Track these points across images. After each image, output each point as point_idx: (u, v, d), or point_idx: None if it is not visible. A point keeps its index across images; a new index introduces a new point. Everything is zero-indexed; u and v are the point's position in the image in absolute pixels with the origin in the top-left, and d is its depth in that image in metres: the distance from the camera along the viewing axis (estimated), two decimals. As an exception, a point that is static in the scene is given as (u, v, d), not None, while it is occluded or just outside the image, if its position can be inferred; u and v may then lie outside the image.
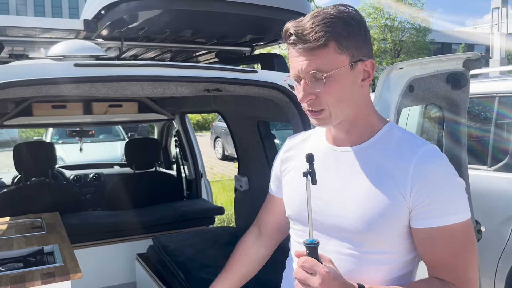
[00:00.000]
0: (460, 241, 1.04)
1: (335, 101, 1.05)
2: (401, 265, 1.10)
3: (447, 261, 1.04)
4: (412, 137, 1.12)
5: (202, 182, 4.11)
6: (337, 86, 1.04)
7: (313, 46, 1.01)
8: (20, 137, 10.27)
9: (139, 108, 3.99)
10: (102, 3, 1.99)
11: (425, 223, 1.03)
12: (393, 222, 1.05)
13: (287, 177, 1.28)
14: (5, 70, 1.62)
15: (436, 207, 1.02)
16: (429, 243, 1.05)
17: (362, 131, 1.13)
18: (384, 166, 1.07)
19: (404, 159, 1.05)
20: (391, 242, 1.07)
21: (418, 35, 28.41)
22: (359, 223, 1.06)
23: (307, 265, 0.96)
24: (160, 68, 1.79)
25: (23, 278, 1.64)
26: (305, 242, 0.99)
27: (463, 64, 2.02)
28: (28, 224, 2.40)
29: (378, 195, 1.05)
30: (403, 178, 1.03)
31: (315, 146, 1.23)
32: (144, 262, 3.02)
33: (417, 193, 1.02)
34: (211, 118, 19.16)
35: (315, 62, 1.02)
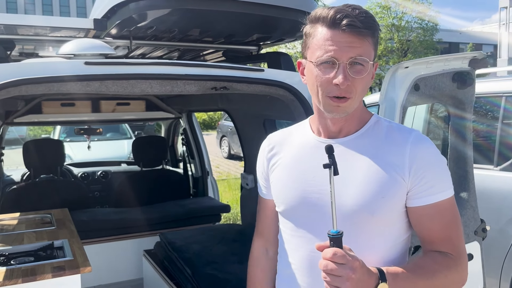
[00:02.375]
0: (452, 214, 1.15)
1: (362, 90, 1.12)
2: (399, 245, 1.17)
3: (443, 234, 1.14)
4: (398, 125, 1.21)
5: (208, 180, 4.14)
6: (368, 77, 1.12)
7: (364, 33, 1.07)
8: (28, 135, 10.36)
9: (147, 107, 4.03)
10: (111, 2, 2.02)
11: (423, 201, 1.12)
12: (394, 202, 1.12)
13: (274, 174, 1.28)
14: (17, 68, 1.66)
15: (432, 185, 1.11)
16: (426, 219, 1.13)
17: (355, 122, 1.19)
18: (378, 152, 1.14)
19: (398, 144, 1.14)
20: (391, 222, 1.14)
21: (425, 35, 28.25)
22: (362, 207, 1.10)
23: (338, 256, 0.96)
24: (168, 66, 1.82)
25: (34, 271, 1.68)
26: (329, 233, 0.99)
27: (469, 63, 2.03)
28: (38, 220, 2.44)
29: (377, 179, 1.11)
30: (400, 161, 1.12)
31: (302, 140, 1.25)
32: (151, 258, 3.06)
33: (415, 173, 1.11)
34: (217, 117, 19.19)
35: (361, 49, 1.08)
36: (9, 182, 4.23)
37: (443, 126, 3.50)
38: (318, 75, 1.10)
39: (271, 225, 1.37)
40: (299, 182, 1.20)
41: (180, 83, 1.85)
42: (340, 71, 1.07)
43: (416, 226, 1.16)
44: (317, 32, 1.11)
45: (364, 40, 1.08)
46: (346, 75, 1.07)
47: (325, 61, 1.08)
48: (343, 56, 1.07)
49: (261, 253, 1.41)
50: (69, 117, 3.88)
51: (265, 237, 1.40)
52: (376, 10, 27.80)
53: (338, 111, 1.12)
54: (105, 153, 7.34)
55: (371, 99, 3.98)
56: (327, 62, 1.08)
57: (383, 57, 27.71)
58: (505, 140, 3.26)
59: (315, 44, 1.10)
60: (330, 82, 1.08)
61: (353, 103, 1.12)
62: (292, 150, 1.26)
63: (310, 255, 1.18)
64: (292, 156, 1.25)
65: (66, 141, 8.18)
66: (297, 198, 1.20)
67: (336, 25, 1.07)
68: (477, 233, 2.05)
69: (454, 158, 2.09)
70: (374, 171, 1.12)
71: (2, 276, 1.63)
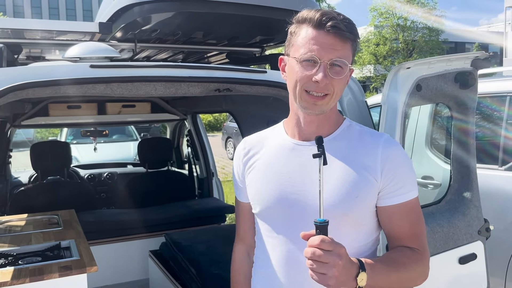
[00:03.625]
0: (417, 212, 1.23)
1: (339, 91, 1.17)
2: (369, 244, 1.23)
3: (411, 231, 1.21)
4: (369, 129, 1.27)
5: (213, 181, 4.16)
6: (345, 79, 1.17)
7: (347, 36, 1.13)
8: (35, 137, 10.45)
9: (152, 108, 4.06)
10: (116, 6, 2.06)
11: (394, 200, 1.19)
12: (366, 202, 1.18)
13: (250, 176, 1.30)
14: (24, 72, 1.69)
15: (402, 186, 1.18)
16: (397, 218, 1.20)
17: (330, 125, 1.24)
18: (351, 154, 1.20)
19: (370, 147, 1.20)
20: (364, 221, 1.20)
21: (431, 35, 28.13)
22: (336, 206, 1.14)
23: (326, 243, 0.99)
24: (172, 69, 1.84)
25: (41, 271, 1.71)
26: (316, 221, 1.02)
27: (471, 63, 2.04)
28: (45, 221, 2.48)
29: (351, 179, 1.17)
30: (373, 162, 1.17)
31: (277, 142, 1.28)
32: (157, 259, 3.08)
33: (387, 174, 1.17)
34: (223, 119, 19.24)
35: (341, 51, 1.14)
36: (17, 184, 4.28)
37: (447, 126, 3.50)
38: (299, 71, 1.15)
39: (250, 228, 1.38)
40: (275, 183, 1.23)
41: (184, 85, 1.87)
42: (320, 70, 1.12)
43: (386, 224, 1.22)
44: (302, 31, 1.16)
45: (345, 44, 1.14)
46: (326, 73, 1.12)
47: (307, 59, 1.14)
48: (324, 56, 1.12)
49: (242, 257, 1.42)
50: (75, 119, 3.93)
51: (246, 242, 1.41)
52: (381, 11, 27.74)
53: (314, 109, 1.17)
54: (112, 154, 7.40)
55: (373, 100, 3.98)
56: (309, 60, 1.13)
57: (389, 57, 27.63)
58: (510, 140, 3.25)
59: (300, 42, 1.16)
60: (310, 78, 1.14)
61: (330, 102, 1.16)
62: (267, 152, 1.29)
63: (286, 255, 1.21)
64: (267, 159, 1.28)
65: (73, 143, 8.25)
66: (273, 199, 1.22)
67: (322, 26, 1.13)
68: (481, 233, 2.06)
69: (458, 158, 2.10)
70: (348, 172, 1.17)
71: (11, 276, 1.66)
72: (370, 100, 4.02)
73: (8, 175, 4.17)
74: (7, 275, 1.67)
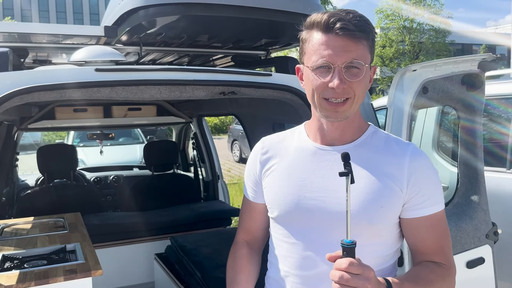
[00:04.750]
0: (443, 225, 1.19)
1: (360, 94, 1.11)
2: (390, 255, 1.19)
3: (437, 245, 1.17)
4: (396, 137, 1.23)
5: (219, 184, 4.16)
6: (365, 80, 1.12)
7: (358, 36, 1.08)
8: (43, 140, 10.52)
9: (158, 111, 4.07)
10: (121, 9, 2.06)
11: (419, 213, 1.14)
12: (390, 213, 1.14)
13: (268, 179, 1.26)
14: (30, 75, 1.70)
15: (428, 198, 1.14)
16: (422, 231, 1.16)
17: (354, 130, 1.20)
18: (377, 162, 1.15)
19: (396, 156, 1.15)
20: (386, 232, 1.16)
21: (437, 36, 28.02)
22: (360, 216, 1.10)
23: (354, 267, 0.95)
24: (176, 72, 1.84)
25: (46, 274, 1.71)
26: (343, 242, 0.98)
27: (478, 65, 2.02)
28: (51, 224, 2.48)
29: (376, 189, 1.12)
30: (399, 172, 1.13)
31: (299, 146, 1.24)
32: (162, 262, 3.08)
33: (413, 185, 1.13)
34: (229, 121, 19.26)
35: (355, 52, 1.08)
36: (24, 187, 4.31)
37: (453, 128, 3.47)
38: (314, 79, 1.11)
39: (260, 230, 1.35)
40: (295, 188, 1.19)
41: (189, 88, 1.87)
42: (335, 75, 1.07)
43: (410, 237, 1.18)
44: (312, 38, 1.12)
45: (358, 43, 1.08)
46: (341, 78, 1.07)
47: (320, 66, 1.09)
48: (337, 60, 1.07)
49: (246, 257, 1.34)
50: (81, 122, 3.95)
51: (253, 243, 1.36)
52: (388, 13, 27.67)
53: (336, 116, 1.12)
54: (118, 157, 7.42)
55: (379, 103, 3.96)
56: (323, 66, 1.09)
57: (395, 59, 27.55)
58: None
59: (311, 49, 1.12)
60: (326, 85, 1.09)
61: (352, 106, 1.11)
62: (287, 155, 1.25)
63: (303, 262, 1.17)
64: (288, 162, 1.24)
65: (80, 146, 8.30)
66: (292, 204, 1.18)
67: (330, 29, 1.08)
68: (489, 237, 2.03)
69: (465, 161, 2.08)
70: (373, 181, 1.13)
71: (16, 279, 1.66)
72: (376, 102, 4.00)
73: (15, 178, 4.19)
74: (13, 278, 1.67)
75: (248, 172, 1.34)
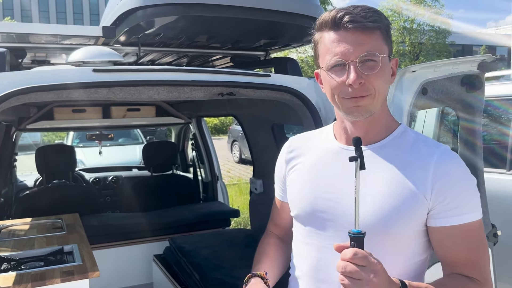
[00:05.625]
0: (477, 238, 1.07)
1: (381, 87, 1.05)
2: (414, 265, 1.10)
3: (467, 258, 1.06)
4: (426, 138, 1.13)
5: (218, 184, 4.15)
6: (384, 72, 1.05)
7: (369, 26, 1.02)
8: (42, 140, 10.51)
9: (157, 112, 4.06)
10: (119, 10, 2.05)
11: (445, 222, 1.04)
12: (412, 220, 1.05)
13: (291, 177, 1.25)
14: (27, 76, 1.69)
15: (456, 206, 1.03)
16: (449, 241, 1.06)
17: (380, 130, 1.13)
18: (401, 165, 1.07)
19: (422, 159, 1.06)
20: (408, 241, 1.07)
21: (437, 37, 28.03)
22: (378, 222, 1.05)
23: (359, 257, 0.90)
24: (174, 72, 1.83)
25: (43, 276, 1.70)
26: (351, 232, 0.94)
27: (478, 66, 2.01)
28: (49, 225, 2.47)
29: (397, 194, 1.05)
30: (424, 177, 1.04)
31: (323, 145, 1.21)
32: (161, 263, 3.07)
33: (438, 192, 1.03)
34: (229, 122, 19.25)
35: (368, 45, 1.02)
36: (22, 187, 4.30)
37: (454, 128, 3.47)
38: (331, 80, 1.07)
39: (286, 223, 1.34)
40: (315, 187, 1.16)
41: (187, 89, 1.86)
42: (351, 71, 1.02)
43: (437, 247, 1.09)
44: (323, 38, 1.08)
45: (371, 35, 1.03)
46: (358, 73, 1.02)
47: (334, 65, 1.05)
48: (351, 55, 1.02)
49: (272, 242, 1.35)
50: (80, 123, 3.94)
51: (280, 227, 1.36)
52: (388, 14, 27.68)
53: (359, 111, 1.06)
54: (118, 158, 7.41)
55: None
56: (337, 65, 1.04)
57: (395, 60, 27.51)
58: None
59: (323, 49, 1.08)
60: (343, 84, 1.04)
61: (374, 101, 1.05)
62: (312, 155, 1.22)
63: (318, 265, 1.14)
64: (311, 161, 1.21)
65: (79, 146, 8.29)
66: (310, 203, 1.16)
67: (339, 25, 1.03)
68: (488, 238, 2.02)
69: (465, 161, 2.06)
70: (394, 185, 1.06)
71: (12, 281, 1.65)
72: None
73: (13, 178, 4.18)
74: (9, 280, 1.66)
75: (276, 170, 1.34)
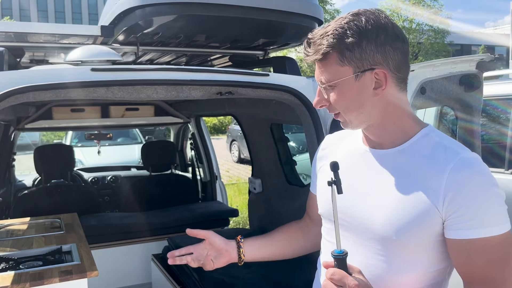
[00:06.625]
0: (498, 254, 0.98)
1: (344, 108, 1.09)
2: (431, 274, 1.06)
3: (483, 275, 0.99)
4: (450, 143, 1.06)
5: (217, 184, 4.15)
6: (342, 95, 1.07)
7: (314, 58, 1.08)
8: (41, 140, 10.51)
9: (155, 112, 4.06)
10: (118, 9, 2.05)
11: (459, 234, 0.99)
12: (423, 231, 1.01)
13: (320, 175, 1.29)
14: (25, 75, 1.68)
15: (471, 218, 0.97)
16: (463, 255, 1.00)
17: (394, 136, 1.10)
18: (415, 173, 1.04)
19: (438, 166, 1.01)
20: (422, 251, 1.04)
21: (436, 37, 28.06)
22: (387, 230, 1.04)
23: (336, 278, 0.93)
24: (173, 72, 1.83)
25: (41, 276, 1.69)
26: (333, 253, 0.96)
27: (476, 66, 2.01)
28: (47, 224, 2.47)
29: (406, 203, 1.02)
30: (436, 186, 1.00)
31: (350, 146, 1.23)
32: (160, 263, 3.07)
33: (450, 202, 0.98)
34: (228, 122, 19.25)
35: (321, 72, 1.09)
36: (21, 187, 4.29)
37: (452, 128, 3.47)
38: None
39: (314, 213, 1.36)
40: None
41: (185, 89, 1.86)
42: (316, 93, 1.13)
43: (453, 259, 1.04)
44: None
45: (325, 61, 1.06)
46: (320, 97, 1.12)
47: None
48: (318, 79, 1.11)
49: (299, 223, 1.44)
50: (79, 122, 3.93)
51: (309, 216, 1.42)
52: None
53: (344, 126, 1.15)
54: (117, 158, 7.41)
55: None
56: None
57: (394, 60, 27.50)
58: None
59: None
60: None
61: (347, 118, 1.10)
62: (340, 154, 1.24)
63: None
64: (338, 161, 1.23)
65: (78, 146, 8.29)
66: (328, 203, 1.16)
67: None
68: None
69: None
70: (405, 194, 1.03)
71: (11, 280, 1.65)
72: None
73: (12, 178, 4.18)
74: (7, 279, 1.66)
75: (312, 164, 1.40)
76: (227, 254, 1.37)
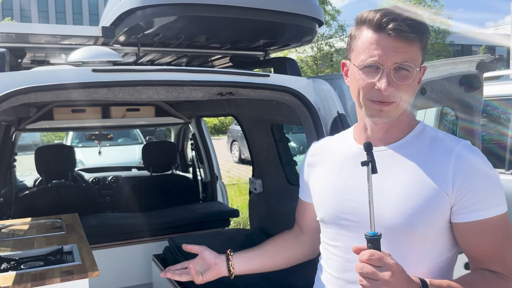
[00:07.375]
0: (503, 232, 1.06)
1: (407, 97, 1.08)
2: (441, 263, 1.10)
3: (493, 253, 1.06)
4: (445, 135, 1.14)
5: (217, 184, 4.15)
6: (414, 82, 1.09)
7: (411, 37, 1.04)
8: (42, 141, 10.52)
9: (156, 112, 4.07)
10: (119, 10, 2.06)
11: (468, 217, 1.04)
12: (434, 218, 1.06)
13: (314, 181, 1.28)
14: (27, 76, 1.69)
15: (478, 201, 1.03)
16: (473, 237, 1.06)
17: (400, 130, 1.15)
18: (421, 163, 1.08)
19: (442, 155, 1.07)
20: (432, 238, 1.08)
21: (437, 37, 28.02)
22: (400, 221, 1.06)
23: (375, 258, 0.93)
24: (174, 72, 1.84)
25: (43, 276, 1.70)
26: (367, 234, 0.96)
27: (477, 66, 2.02)
28: (48, 225, 2.47)
29: (417, 192, 1.06)
30: (444, 174, 1.05)
31: (344, 148, 1.23)
32: (160, 263, 3.07)
33: (459, 187, 1.03)
34: (228, 122, 19.25)
35: (406, 54, 1.04)
36: (22, 188, 4.30)
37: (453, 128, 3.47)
38: (361, 79, 1.08)
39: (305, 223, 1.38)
40: (337, 190, 1.18)
41: (186, 89, 1.86)
42: (383, 76, 1.04)
43: (462, 243, 1.09)
44: (362, 35, 1.08)
45: (411, 45, 1.04)
46: (389, 80, 1.04)
47: (368, 65, 1.06)
48: (387, 61, 1.04)
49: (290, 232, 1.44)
50: (80, 123, 3.94)
51: (299, 226, 1.42)
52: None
53: (381, 116, 1.09)
54: (117, 158, 7.42)
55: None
56: (371, 66, 1.06)
57: (394, 60, 27.49)
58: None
59: (360, 47, 1.08)
60: (372, 86, 1.06)
61: (397, 109, 1.08)
62: (332, 158, 1.25)
63: (345, 266, 1.16)
64: (332, 164, 1.24)
65: (79, 146, 8.30)
66: (333, 206, 1.18)
67: (382, 29, 1.04)
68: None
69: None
70: (414, 184, 1.07)
71: (12, 281, 1.65)
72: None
73: (13, 178, 4.18)
74: (9, 279, 1.66)
75: (301, 172, 1.39)
76: (216, 267, 1.40)
